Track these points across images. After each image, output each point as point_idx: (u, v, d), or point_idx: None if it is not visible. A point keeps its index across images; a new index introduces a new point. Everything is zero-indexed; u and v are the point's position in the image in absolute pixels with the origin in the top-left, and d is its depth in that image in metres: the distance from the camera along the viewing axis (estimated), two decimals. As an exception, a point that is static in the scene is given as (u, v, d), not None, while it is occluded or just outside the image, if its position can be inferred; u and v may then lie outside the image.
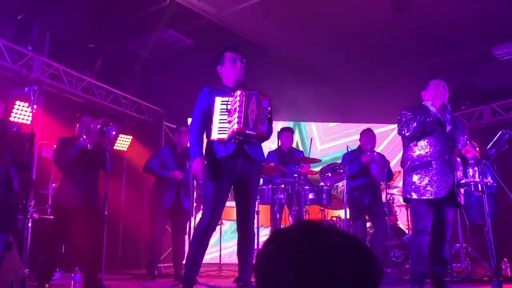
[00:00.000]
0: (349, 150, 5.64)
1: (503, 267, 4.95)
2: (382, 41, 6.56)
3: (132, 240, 6.91)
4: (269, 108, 3.26)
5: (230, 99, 3.19)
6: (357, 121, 8.05)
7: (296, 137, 8.08)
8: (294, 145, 6.09)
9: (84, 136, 3.99)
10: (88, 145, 3.98)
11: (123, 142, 6.89)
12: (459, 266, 5.29)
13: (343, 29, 6.27)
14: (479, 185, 3.35)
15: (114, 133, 4.07)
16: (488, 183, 3.50)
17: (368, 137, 5.55)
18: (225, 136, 3.16)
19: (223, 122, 3.18)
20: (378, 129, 7.83)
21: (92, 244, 4.07)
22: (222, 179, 3.20)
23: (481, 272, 5.03)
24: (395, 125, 3.83)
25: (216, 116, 3.20)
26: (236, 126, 3.10)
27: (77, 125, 4.20)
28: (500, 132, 3.43)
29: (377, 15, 6.04)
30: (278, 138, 5.63)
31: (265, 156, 5.82)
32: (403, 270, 5.29)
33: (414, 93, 4.01)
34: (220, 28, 6.46)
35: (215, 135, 3.20)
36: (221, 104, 3.20)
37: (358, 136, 5.69)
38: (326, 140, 8.40)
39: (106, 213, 4.00)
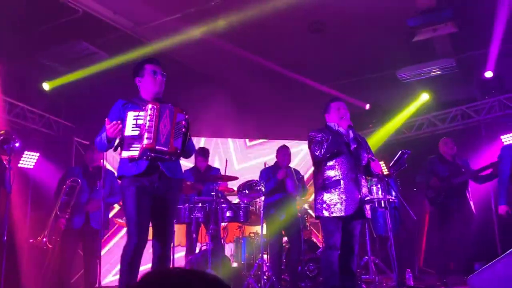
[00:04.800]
0: (266, 166, 5.76)
1: (407, 276, 5.29)
2: (297, 62, 6.81)
3: (40, 265, 6.42)
4: (183, 122, 3.07)
5: (142, 113, 3.01)
6: (274, 138, 8.25)
7: (216, 154, 8.09)
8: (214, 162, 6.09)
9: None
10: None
11: (29, 160, 6.43)
12: (368, 277, 5.57)
13: (259, 47, 6.43)
14: (382, 201, 3.57)
15: (17, 145, 3.81)
16: (390, 199, 3.74)
17: (284, 153, 5.71)
18: (136, 153, 2.96)
19: (134, 138, 2.98)
20: (293, 146, 8.08)
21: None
22: (140, 196, 3.00)
23: (388, 283, 5.34)
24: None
25: (128, 132, 3.00)
26: (146, 142, 2.92)
27: (-29, 141, 3.87)
28: (400, 151, 3.69)
29: (292, 36, 6.28)
30: (195, 157, 5.64)
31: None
32: (317, 283, 5.45)
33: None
34: (137, 42, 6.33)
35: (125, 153, 3.00)
36: (133, 119, 3.01)
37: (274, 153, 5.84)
38: (243, 157, 8.49)
39: (5, 238, 3.70)
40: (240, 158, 8.45)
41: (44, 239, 4.76)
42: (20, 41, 6.00)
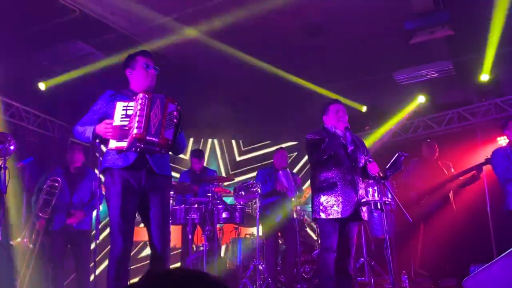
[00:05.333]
0: (263, 167, 5.76)
1: (403, 279, 5.29)
2: (294, 63, 6.81)
3: (35, 268, 6.38)
4: (175, 113, 2.91)
5: (132, 103, 2.89)
6: (271, 139, 8.26)
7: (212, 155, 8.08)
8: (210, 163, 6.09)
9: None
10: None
11: (23, 160, 6.39)
12: (364, 279, 5.57)
13: (257, 49, 6.42)
14: (378, 203, 3.56)
15: (12, 148, 3.80)
16: (387, 201, 3.74)
17: (281, 155, 5.73)
18: (124, 144, 2.81)
19: (123, 129, 2.86)
20: (290, 148, 8.09)
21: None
22: (126, 195, 2.86)
23: (383, 285, 5.34)
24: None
25: (116, 123, 2.87)
26: (135, 131, 2.75)
27: (-34, 142, 3.85)
28: (397, 154, 3.69)
29: (290, 39, 6.27)
30: (190, 159, 5.66)
31: (178, 176, 5.78)
32: (313, 285, 5.45)
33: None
34: (134, 43, 6.31)
35: (113, 143, 2.85)
36: (122, 109, 2.88)
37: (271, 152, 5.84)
38: (241, 158, 8.48)
39: (0, 238, 3.69)
40: (237, 160, 8.44)
41: (25, 240, 4.75)
42: (16, 41, 5.97)
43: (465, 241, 5.47)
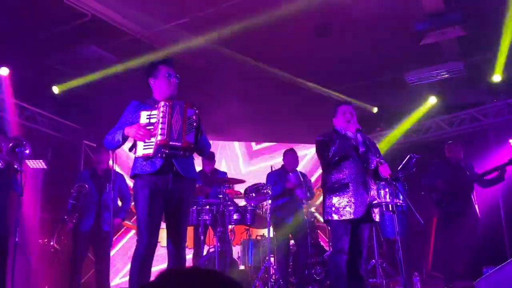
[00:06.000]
0: (273, 170, 5.78)
1: (414, 280, 5.28)
2: (304, 66, 6.82)
3: (50, 265, 6.47)
4: (194, 117, 3.10)
5: (155, 111, 3.08)
6: (281, 141, 8.27)
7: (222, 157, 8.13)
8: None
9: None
10: (0, 163, 3.76)
11: (38, 163, 6.50)
12: (375, 281, 5.56)
13: (266, 52, 6.45)
14: (390, 205, 3.57)
15: (28, 151, 3.88)
16: (398, 203, 3.74)
17: (291, 157, 5.74)
18: (150, 151, 3.01)
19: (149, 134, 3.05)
20: (301, 150, 8.09)
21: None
22: (153, 198, 3.03)
23: (395, 286, 5.33)
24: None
25: None
26: (159, 138, 2.97)
27: (-17, 144, 3.93)
28: (408, 156, 3.69)
29: (299, 41, 6.29)
30: (201, 160, 5.71)
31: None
32: (324, 286, 5.45)
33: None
34: (146, 46, 6.37)
35: (140, 151, 3.05)
36: (146, 118, 3.08)
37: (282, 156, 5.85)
38: (250, 160, 8.51)
39: (17, 239, 3.78)
40: (246, 162, 8.47)
41: (52, 242, 4.83)
42: (29, 45, 6.07)
43: (478, 242, 5.43)
